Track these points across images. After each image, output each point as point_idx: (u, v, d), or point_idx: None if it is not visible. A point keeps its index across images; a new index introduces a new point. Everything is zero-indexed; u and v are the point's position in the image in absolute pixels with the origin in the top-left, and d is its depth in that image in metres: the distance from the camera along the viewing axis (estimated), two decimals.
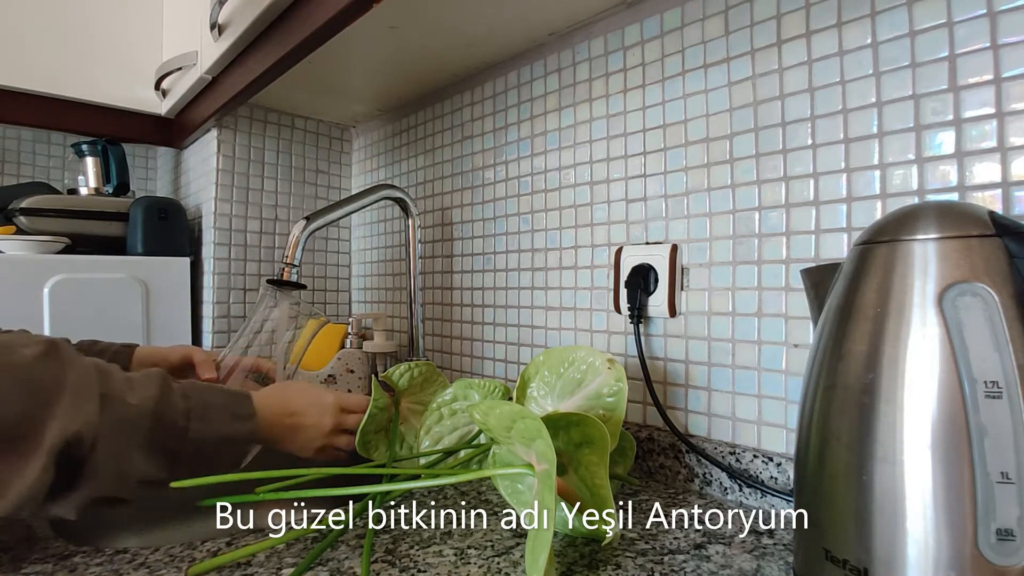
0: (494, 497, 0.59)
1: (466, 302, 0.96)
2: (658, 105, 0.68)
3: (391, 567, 0.44)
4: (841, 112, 0.54)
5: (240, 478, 0.47)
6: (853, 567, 0.35)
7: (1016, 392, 0.32)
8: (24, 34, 1.04)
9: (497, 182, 0.90)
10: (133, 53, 1.14)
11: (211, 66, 0.92)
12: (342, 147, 1.26)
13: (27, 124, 1.10)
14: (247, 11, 0.77)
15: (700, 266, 0.64)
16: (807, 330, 0.55)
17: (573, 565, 0.45)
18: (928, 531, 0.33)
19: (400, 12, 0.73)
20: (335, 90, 1.03)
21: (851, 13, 0.53)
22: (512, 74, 0.88)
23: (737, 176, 0.61)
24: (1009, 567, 0.31)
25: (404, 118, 1.11)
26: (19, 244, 0.96)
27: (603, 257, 0.74)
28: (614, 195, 0.73)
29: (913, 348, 0.34)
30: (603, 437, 0.43)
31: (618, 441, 0.56)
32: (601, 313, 0.74)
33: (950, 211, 0.36)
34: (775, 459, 0.56)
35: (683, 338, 0.66)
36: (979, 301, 0.33)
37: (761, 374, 0.59)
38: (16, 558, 0.45)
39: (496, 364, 0.90)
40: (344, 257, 1.28)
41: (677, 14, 0.66)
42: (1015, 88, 0.45)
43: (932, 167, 0.49)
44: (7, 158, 1.31)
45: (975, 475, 0.32)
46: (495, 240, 0.91)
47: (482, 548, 0.47)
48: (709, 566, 0.45)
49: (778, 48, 0.58)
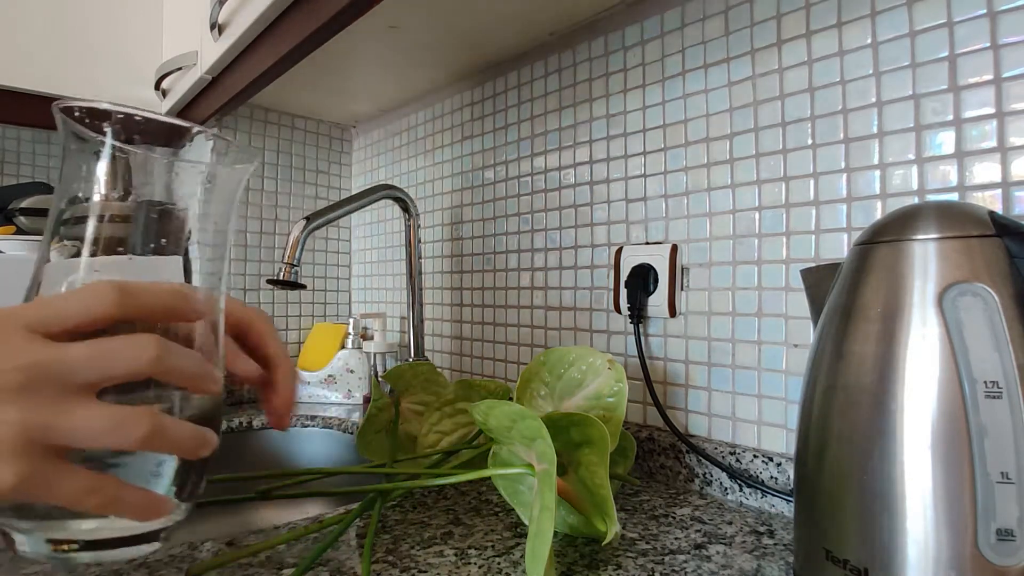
0: (494, 497, 0.59)
1: (466, 302, 0.96)
2: (658, 105, 0.68)
3: (392, 567, 0.44)
4: (841, 112, 0.54)
5: (241, 478, 0.47)
6: (853, 567, 0.35)
7: (1016, 392, 0.32)
8: (24, 34, 1.04)
9: (497, 182, 0.90)
10: (133, 53, 1.14)
11: (211, 66, 0.91)
12: (342, 147, 1.26)
13: (27, 124, 1.10)
14: (247, 11, 0.76)
15: (700, 266, 0.64)
16: (807, 330, 0.56)
17: (573, 565, 0.45)
18: (928, 531, 0.33)
19: (401, 11, 0.73)
20: (335, 90, 1.03)
21: (851, 13, 0.53)
22: (512, 74, 0.88)
23: (737, 176, 0.61)
24: (1009, 567, 0.31)
25: (404, 118, 1.11)
26: (19, 244, 0.96)
27: (603, 257, 0.74)
28: (614, 195, 0.73)
29: (913, 348, 0.34)
30: (603, 437, 0.43)
31: (618, 441, 0.56)
32: (601, 313, 0.74)
33: (950, 211, 0.36)
34: (775, 459, 0.56)
35: (683, 338, 0.66)
36: (979, 301, 0.33)
37: (761, 374, 0.59)
38: (16, 558, 0.45)
39: (496, 364, 0.90)
40: (344, 257, 1.28)
41: (677, 14, 0.66)
42: (1015, 88, 0.45)
43: (932, 167, 0.49)
44: (7, 158, 1.31)
45: (975, 475, 0.32)
46: (495, 240, 0.91)
47: (482, 548, 0.47)
48: (709, 566, 0.45)
49: (778, 48, 0.58)
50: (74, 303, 0.24)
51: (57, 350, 0.23)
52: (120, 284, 0.25)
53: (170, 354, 0.25)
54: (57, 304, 0.25)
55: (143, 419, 0.24)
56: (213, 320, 0.31)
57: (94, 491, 0.24)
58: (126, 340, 0.24)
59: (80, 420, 0.23)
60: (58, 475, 0.23)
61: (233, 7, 0.80)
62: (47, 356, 0.23)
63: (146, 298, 0.26)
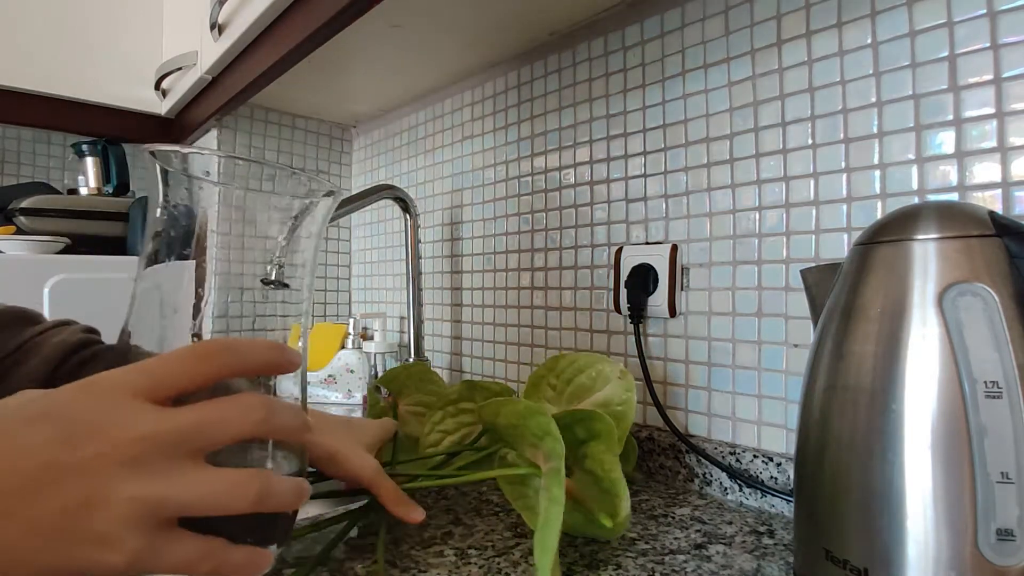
0: (495, 497, 0.59)
1: (466, 302, 0.96)
2: (658, 105, 0.68)
3: (392, 567, 0.44)
4: (841, 112, 0.54)
5: None
6: (853, 567, 0.35)
7: (1016, 392, 0.32)
8: (24, 34, 1.04)
9: (497, 182, 0.90)
10: (133, 53, 1.14)
11: (211, 66, 0.92)
12: (342, 147, 1.26)
13: (27, 124, 1.11)
14: (247, 11, 0.77)
15: (700, 266, 0.64)
16: (807, 330, 0.56)
17: (573, 565, 0.45)
18: (928, 531, 0.33)
19: (401, 11, 0.73)
20: (335, 90, 1.04)
21: (851, 13, 0.53)
22: (512, 74, 0.88)
23: (737, 176, 0.61)
24: (1009, 567, 0.31)
25: (404, 118, 1.11)
26: (19, 244, 0.96)
27: (603, 257, 0.74)
28: (614, 195, 0.73)
29: (913, 348, 0.34)
30: (610, 429, 0.43)
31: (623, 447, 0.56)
32: (601, 313, 0.74)
33: (950, 211, 0.36)
34: (775, 459, 0.56)
35: (683, 338, 0.66)
36: (979, 301, 0.33)
37: (761, 374, 0.59)
38: None
39: (496, 364, 0.90)
40: (344, 257, 1.28)
41: (677, 14, 0.66)
42: (1015, 88, 0.45)
43: (932, 167, 0.49)
44: (7, 158, 1.31)
45: (975, 475, 0.32)
46: (495, 240, 0.91)
47: (483, 548, 0.47)
48: (709, 566, 0.45)
49: (778, 48, 0.58)
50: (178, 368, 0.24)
51: (169, 419, 0.23)
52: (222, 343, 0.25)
53: (275, 414, 0.25)
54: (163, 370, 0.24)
55: (253, 481, 0.24)
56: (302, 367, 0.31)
57: (205, 557, 0.24)
58: (233, 404, 0.25)
59: (194, 489, 0.23)
60: (170, 545, 0.23)
61: (233, 7, 0.80)
62: (160, 427, 0.23)
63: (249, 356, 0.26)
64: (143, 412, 0.23)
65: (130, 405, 0.23)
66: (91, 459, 0.22)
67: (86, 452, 0.22)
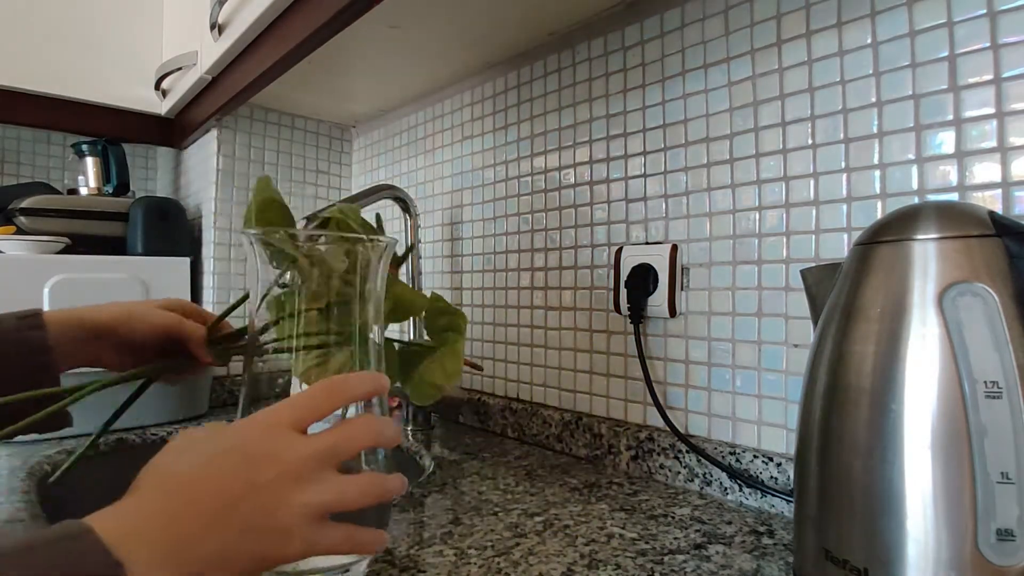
0: (495, 497, 0.59)
1: (466, 302, 0.96)
2: (658, 105, 0.68)
3: (391, 567, 0.44)
4: (841, 112, 0.54)
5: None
6: (853, 567, 0.35)
7: (1016, 392, 0.32)
8: (25, 34, 1.04)
9: (497, 182, 0.90)
10: (133, 53, 1.14)
11: (211, 66, 0.91)
12: (342, 147, 1.26)
13: (27, 124, 1.10)
14: (247, 11, 0.77)
15: (700, 266, 0.64)
16: (807, 330, 0.55)
17: (573, 565, 0.45)
18: (928, 531, 0.33)
19: (401, 11, 0.73)
20: (335, 90, 1.03)
21: (851, 13, 0.53)
22: (512, 74, 0.88)
23: (737, 176, 0.61)
24: (1009, 567, 0.31)
25: (404, 118, 1.11)
26: (19, 244, 0.96)
27: (603, 257, 0.74)
28: (614, 195, 0.73)
29: (913, 348, 0.34)
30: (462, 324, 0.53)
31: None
32: (601, 313, 0.74)
33: (950, 211, 0.37)
34: (775, 459, 0.56)
35: (683, 338, 0.66)
36: (979, 301, 0.33)
37: (761, 374, 0.59)
38: None
39: (496, 364, 0.90)
40: None
41: (677, 14, 0.66)
42: (1015, 88, 0.45)
43: (932, 167, 0.49)
44: (7, 158, 1.31)
45: (975, 475, 0.32)
46: (495, 240, 0.91)
47: (482, 548, 0.47)
48: (709, 566, 0.45)
49: (778, 48, 0.58)
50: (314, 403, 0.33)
51: (316, 443, 0.32)
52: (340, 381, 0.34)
53: (386, 427, 0.34)
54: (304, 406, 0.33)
55: (376, 481, 0.34)
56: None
57: (347, 539, 0.33)
58: (358, 425, 0.33)
59: (341, 492, 0.32)
60: (326, 533, 0.31)
61: (233, 7, 0.80)
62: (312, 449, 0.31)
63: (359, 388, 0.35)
64: (299, 440, 0.32)
65: (289, 436, 0.31)
66: (273, 479, 0.30)
67: (269, 474, 0.30)
